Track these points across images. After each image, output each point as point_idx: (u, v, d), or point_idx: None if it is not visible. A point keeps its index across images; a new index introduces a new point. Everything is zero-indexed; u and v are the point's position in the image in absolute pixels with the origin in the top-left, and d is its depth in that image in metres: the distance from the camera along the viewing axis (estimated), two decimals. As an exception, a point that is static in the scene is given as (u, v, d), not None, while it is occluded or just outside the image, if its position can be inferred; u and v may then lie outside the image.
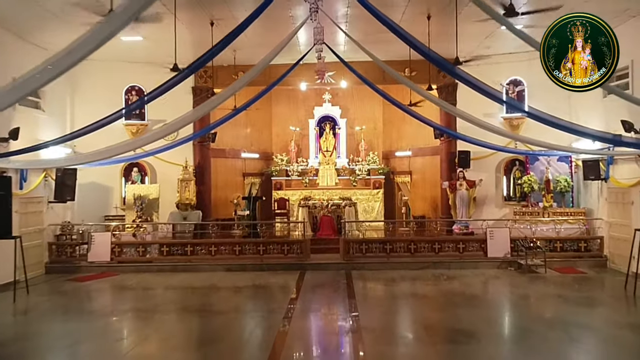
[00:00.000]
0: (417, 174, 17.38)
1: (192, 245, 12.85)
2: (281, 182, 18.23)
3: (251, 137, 18.46)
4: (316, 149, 18.85)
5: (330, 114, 18.93)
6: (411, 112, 13.63)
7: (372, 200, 17.96)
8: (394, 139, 18.73)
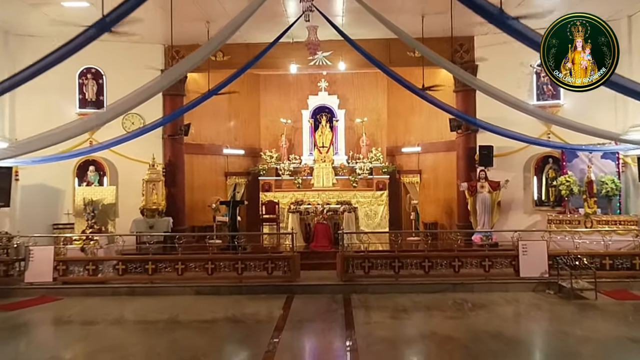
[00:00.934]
0: (428, 174, 14.91)
1: (155, 262, 10.38)
2: (270, 182, 15.79)
3: (235, 130, 15.98)
4: (310, 144, 16.41)
5: (327, 104, 16.47)
6: (428, 97, 11.15)
7: (375, 203, 15.53)
8: (401, 133, 16.25)
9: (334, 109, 16.42)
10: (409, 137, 15.77)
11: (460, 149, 13.05)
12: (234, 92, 13.95)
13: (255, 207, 15.70)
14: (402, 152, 15.97)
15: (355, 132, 16.81)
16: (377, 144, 16.72)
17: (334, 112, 16.41)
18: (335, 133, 16.37)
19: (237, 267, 10.34)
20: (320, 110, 16.53)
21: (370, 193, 15.63)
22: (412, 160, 15.57)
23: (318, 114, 16.56)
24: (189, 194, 13.79)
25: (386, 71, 10.97)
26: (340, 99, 16.55)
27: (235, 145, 15.77)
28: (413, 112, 15.55)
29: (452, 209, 13.78)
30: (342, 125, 16.45)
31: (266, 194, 15.67)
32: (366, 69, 14.00)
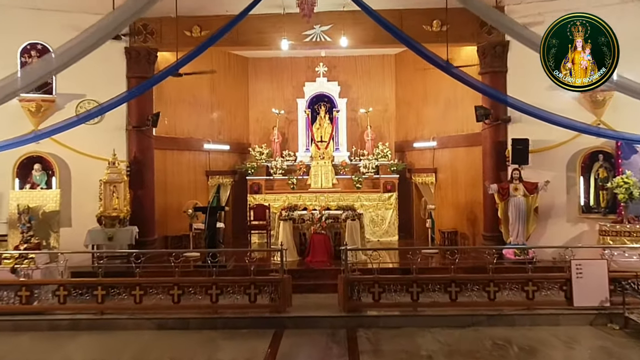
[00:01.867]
0: (445, 172, 12.63)
1: (106, 287, 8.12)
2: (259, 183, 13.52)
3: (219, 122, 13.69)
4: (307, 138, 14.16)
5: (326, 92, 14.20)
6: (457, 73, 8.93)
7: (382, 207, 13.30)
8: (412, 126, 13.98)
9: (334, 98, 14.15)
10: (422, 130, 13.49)
11: (488, 143, 10.77)
12: (211, 72, 11.72)
13: (242, 211, 13.44)
14: (413, 147, 13.70)
15: (359, 124, 14.57)
16: (384, 138, 14.47)
17: (334, 102, 14.15)
18: (335, 126, 14.12)
19: (211, 293, 8.06)
20: (318, 99, 14.28)
21: (376, 195, 13.38)
22: (425, 157, 13.30)
23: (316, 104, 14.31)
24: (161, 197, 11.52)
25: (403, 38, 8.68)
26: (341, 86, 14.28)
27: (218, 139, 13.49)
28: (427, 100, 13.28)
29: (475, 215, 11.52)
30: (343, 117, 14.20)
31: (255, 197, 13.41)
32: (373, 46, 11.74)
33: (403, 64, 14.22)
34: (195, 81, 12.59)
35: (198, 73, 10.46)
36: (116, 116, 10.56)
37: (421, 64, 13.00)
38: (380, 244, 12.97)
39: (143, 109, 10.78)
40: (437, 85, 12.81)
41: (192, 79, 12.35)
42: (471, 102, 11.31)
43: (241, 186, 13.75)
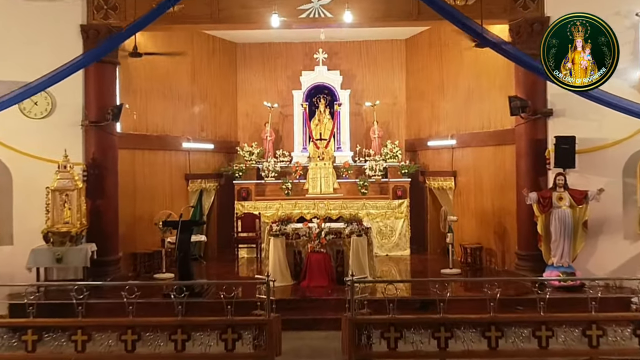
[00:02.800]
0: (467, 176, 10.70)
1: (38, 330, 6.19)
2: (249, 187, 11.63)
3: (202, 118, 11.76)
4: (304, 136, 12.31)
5: (326, 83, 12.30)
6: (495, 42, 7.05)
7: (392, 216, 11.42)
8: (426, 121, 12.06)
9: (336, 89, 12.24)
10: (438, 126, 11.57)
11: (523, 142, 8.84)
12: (179, 54, 9.87)
13: (229, 221, 11.53)
14: (427, 146, 11.78)
15: (364, 119, 12.67)
16: (394, 135, 12.57)
17: (336, 94, 12.23)
18: (337, 121, 12.21)
19: (176, 338, 6.14)
20: (317, 90, 12.38)
21: (384, 202, 11.49)
22: (442, 157, 11.39)
23: (314, 96, 12.42)
24: (128, 207, 9.61)
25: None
26: (343, 75, 12.37)
27: (200, 137, 11.56)
28: (444, 92, 11.36)
29: (505, 228, 9.61)
30: (346, 111, 12.30)
31: (243, 204, 11.51)
32: (382, 25, 9.81)
33: (415, 49, 12.29)
34: (172, 69, 10.73)
35: (161, 54, 8.58)
36: (70, 109, 8.70)
37: (437, 49, 11.17)
38: (389, 260, 11.10)
39: (104, 100, 8.86)
40: (456, 73, 10.90)
41: (169, 65, 10.55)
42: (500, 93, 9.45)
43: (227, 191, 11.84)
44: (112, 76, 9.09)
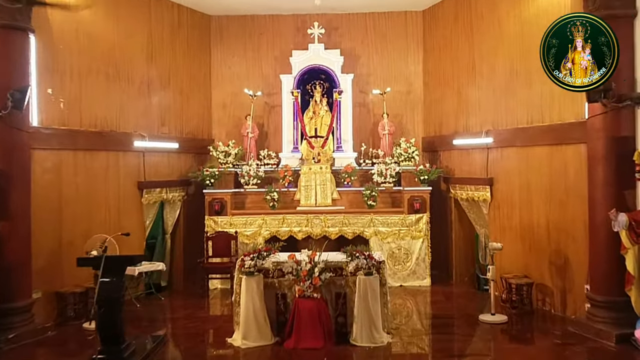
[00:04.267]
0: (508, 184, 8.06)
1: None
2: (223, 199, 9.06)
3: (163, 109, 9.14)
4: (295, 132, 9.77)
5: (323, 65, 9.74)
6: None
7: (407, 235, 8.92)
8: (449, 113, 9.47)
9: (335, 74, 9.65)
10: (467, 119, 8.98)
11: (600, 140, 6.22)
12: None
13: (199, 241, 8.97)
14: (452, 145, 9.19)
15: (371, 112, 10.14)
16: (408, 132, 10.05)
17: (335, 79, 9.66)
18: (336, 114, 9.65)
19: None
20: (311, 75, 9.84)
21: (397, 218, 8.93)
22: (473, 160, 8.80)
23: (308, 82, 9.90)
24: (50, 229, 7.01)
25: None
26: (345, 56, 9.80)
27: (161, 134, 8.97)
28: (475, 75, 8.76)
29: (566, 257, 7.01)
30: (348, 101, 9.72)
31: (216, 220, 8.95)
32: None
33: (436, 22, 9.72)
34: (120, 43, 8.15)
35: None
36: None
37: (466, 20, 8.61)
38: (404, 292, 8.56)
39: (7, 82, 6.25)
40: (493, 50, 8.31)
41: (114, 38, 7.99)
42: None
43: (196, 203, 9.27)
44: (22, 48, 6.49)
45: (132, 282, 8.01)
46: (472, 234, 9.32)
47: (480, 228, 8.60)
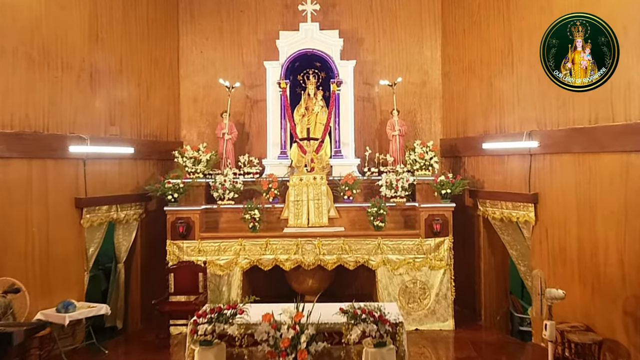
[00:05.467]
0: (561, 203, 6.07)
1: None
2: (189, 218, 7.13)
3: (113, 104, 7.14)
4: (283, 133, 7.84)
5: (318, 50, 7.85)
6: None
7: (425, 264, 7.07)
8: (477, 109, 7.53)
9: (333, 60, 7.72)
10: (501, 117, 7.04)
11: None
12: None
13: (160, 272, 7.00)
14: (481, 150, 7.25)
15: (378, 107, 8.25)
16: (423, 132, 8.18)
17: (333, 67, 7.72)
18: (334, 110, 7.71)
19: None
20: (304, 62, 7.96)
21: (412, 242, 7.00)
22: (510, 169, 6.85)
23: (300, 72, 8.05)
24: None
25: None
26: (345, 38, 7.90)
27: (110, 137, 7.00)
28: (512, 61, 6.82)
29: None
30: (349, 94, 7.81)
31: (181, 245, 7.01)
32: None
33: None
34: (49, 17, 6.15)
35: None
36: None
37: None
38: (421, 338, 6.65)
39: None
40: (538, 26, 6.33)
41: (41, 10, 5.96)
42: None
43: (160, 222, 7.31)
44: None
45: (64, 332, 6.05)
46: (505, 261, 7.41)
47: (515, 253, 6.70)
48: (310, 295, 7.71)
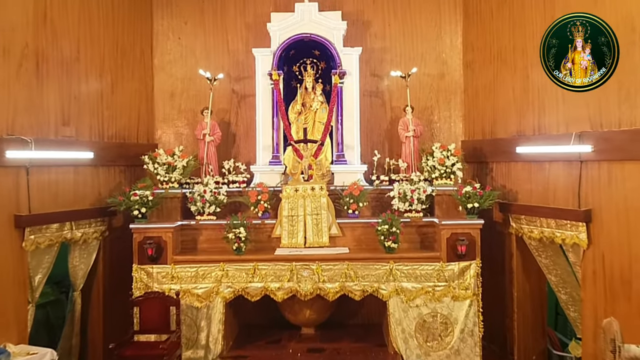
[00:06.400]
0: (626, 224, 4.78)
1: None
2: (161, 237, 5.86)
3: (67, 99, 5.86)
4: (275, 133, 6.55)
5: (317, 35, 6.55)
6: None
7: (447, 294, 5.83)
8: (507, 107, 6.25)
9: (335, 47, 6.46)
10: (540, 116, 5.77)
11: None
12: None
13: (125, 305, 5.73)
14: (513, 155, 5.98)
15: (388, 103, 7.00)
16: (441, 133, 6.95)
17: (335, 55, 6.46)
18: (336, 106, 6.47)
19: None
20: (300, 50, 6.71)
21: (431, 268, 5.77)
22: (551, 178, 5.59)
23: (296, 61, 6.83)
24: None
25: None
26: (349, 21, 6.66)
27: (62, 139, 5.72)
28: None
29: None
30: (353, 88, 6.56)
31: (150, 270, 5.75)
32: None
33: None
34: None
35: None
36: None
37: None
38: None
39: None
40: (592, 2, 5.08)
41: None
42: None
43: (126, 243, 6.04)
44: None
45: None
46: (542, 288, 6.18)
47: (555, 279, 5.49)
48: (307, 327, 6.53)
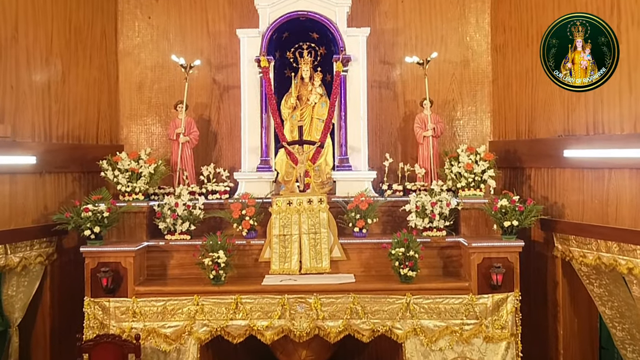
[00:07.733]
0: None
1: None
2: (120, 263, 4.66)
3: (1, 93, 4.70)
4: (263, 133, 5.31)
5: (314, 13, 5.35)
6: None
7: (479, 333, 4.58)
8: (550, 101, 5.10)
9: (337, 28, 5.29)
10: (595, 110, 4.64)
11: None
12: None
13: (72, 346, 4.54)
14: (559, 160, 4.84)
15: (401, 96, 5.84)
16: (465, 133, 5.80)
17: (337, 37, 5.28)
18: (339, 100, 5.30)
19: None
20: (296, 31, 5.55)
21: (458, 301, 4.61)
22: (611, 190, 4.44)
23: (290, 46, 5.67)
24: None
25: None
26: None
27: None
28: (617, 26, 4.40)
29: None
30: (359, 77, 5.42)
31: (106, 305, 4.56)
32: None
33: None
34: None
35: None
36: None
37: None
38: None
39: None
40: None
41: None
42: None
43: (79, 269, 4.86)
44: None
45: None
46: (592, 323, 5.03)
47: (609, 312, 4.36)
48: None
